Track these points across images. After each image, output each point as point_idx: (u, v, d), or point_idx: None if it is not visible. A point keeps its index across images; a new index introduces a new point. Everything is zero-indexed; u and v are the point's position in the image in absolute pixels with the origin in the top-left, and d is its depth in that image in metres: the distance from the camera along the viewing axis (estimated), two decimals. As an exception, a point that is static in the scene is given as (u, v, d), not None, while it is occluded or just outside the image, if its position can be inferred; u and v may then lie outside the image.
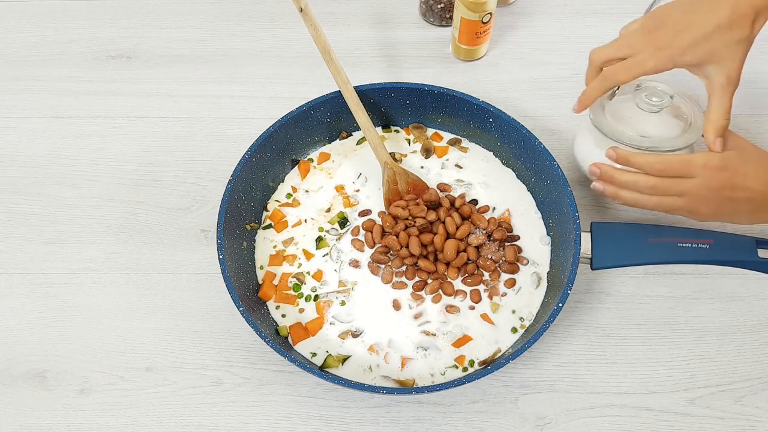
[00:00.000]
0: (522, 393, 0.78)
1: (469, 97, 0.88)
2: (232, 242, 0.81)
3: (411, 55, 1.05)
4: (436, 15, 1.06)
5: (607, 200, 0.90)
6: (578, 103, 0.79)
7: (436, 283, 0.81)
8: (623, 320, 0.82)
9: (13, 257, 0.88)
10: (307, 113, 0.88)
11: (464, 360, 0.78)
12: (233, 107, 1.00)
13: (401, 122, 0.94)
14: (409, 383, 0.76)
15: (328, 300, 0.82)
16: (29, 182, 0.94)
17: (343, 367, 0.77)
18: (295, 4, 0.82)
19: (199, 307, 0.84)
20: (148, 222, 0.90)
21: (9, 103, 1.01)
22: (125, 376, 0.80)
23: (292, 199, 0.89)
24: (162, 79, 1.03)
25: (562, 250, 0.81)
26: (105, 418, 0.78)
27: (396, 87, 0.90)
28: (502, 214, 0.87)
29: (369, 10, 1.09)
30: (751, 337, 0.81)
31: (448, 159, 0.91)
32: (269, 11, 1.10)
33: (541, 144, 0.84)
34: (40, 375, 0.80)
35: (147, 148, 0.96)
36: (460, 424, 0.77)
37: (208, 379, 0.80)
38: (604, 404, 0.78)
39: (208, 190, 0.92)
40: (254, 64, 1.04)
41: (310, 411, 0.78)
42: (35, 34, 1.08)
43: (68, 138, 0.97)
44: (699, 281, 0.85)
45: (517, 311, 0.81)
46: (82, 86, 1.02)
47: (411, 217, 0.84)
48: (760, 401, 0.77)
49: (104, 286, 0.86)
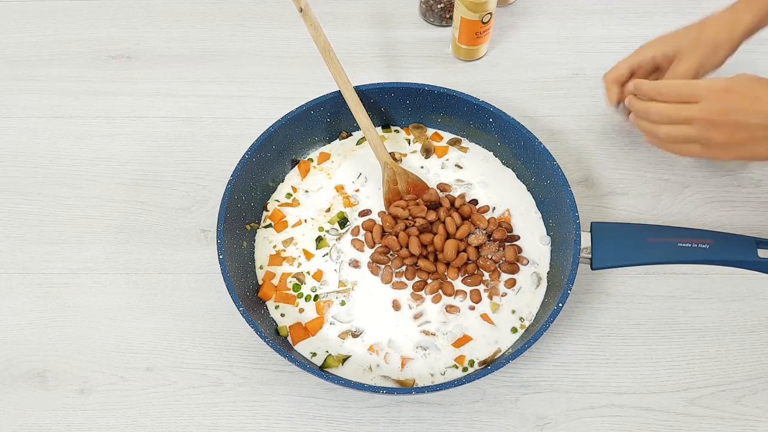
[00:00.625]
0: (522, 393, 0.78)
1: (469, 97, 0.88)
2: (232, 242, 0.81)
3: (411, 55, 1.05)
4: (436, 15, 1.06)
5: (607, 200, 0.91)
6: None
7: (436, 283, 0.81)
8: (623, 320, 0.82)
9: (13, 257, 0.88)
10: (307, 113, 0.88)
11: (464, 360, 0.78)
12: (233, 107, 1.00)
13: (401, 122, 0.94)
14: (409, 383, 0.76)
15: (328, 300, 0.82)
16: (29, 182, 0.94)
17: (343, 367, 0.77)
18: (295, 4, 0.82)
19: (199, 307, 0.84)
20: (148, 222, 0.90)
21: (9, 103, 1.01)
22: (125, 376, 0.80)
23: (292, 199, 0.89)
24: (162, 79, 1.03)
25: (562, 250, 0.81)
26: (105, 418, 0.78)
27: (396, 87, 0.90)
28: (502, 214, 0.87)
29: (369, 10, 1.09)
30: (751, 337, 0.81)
31: (448, 159, 0.91)
32: (269, 11, 1.10)
33: (541, 144, 0.84)
34: (40, 375, 0.80)
35: (147, 148, 0.96)
36: (460, 424, 0.77)
37: (208, 379, 0.80)
38: (604, 404, 0.78)
39: (208, 190, 0.92)
40: (254, 64, 1.04)
41: (310, 411, 0.78)
42: (35, 34, 1.08)
43: (68, 138, 0.97)
44: (699, 281, 0.85)
45: (517, 311, 0.81)
46: (82, 86, 1.02)
47: (411, 217, 0.84)
48: (760, 401, 0.77)
49: (104, 286, 0.86)
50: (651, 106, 0.74)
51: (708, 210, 0.89)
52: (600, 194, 0.91)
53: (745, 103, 0.70)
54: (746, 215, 0.89)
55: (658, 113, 0.74)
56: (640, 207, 0.90)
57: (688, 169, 0.92)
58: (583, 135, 0.96)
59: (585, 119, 0.97)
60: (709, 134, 0.71)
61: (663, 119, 0.74)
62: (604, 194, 0.91)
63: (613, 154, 0.94)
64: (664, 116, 0.74)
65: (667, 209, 0.90)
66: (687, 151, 0.74)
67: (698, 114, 0.71)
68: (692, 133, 0.72)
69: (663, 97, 0.74)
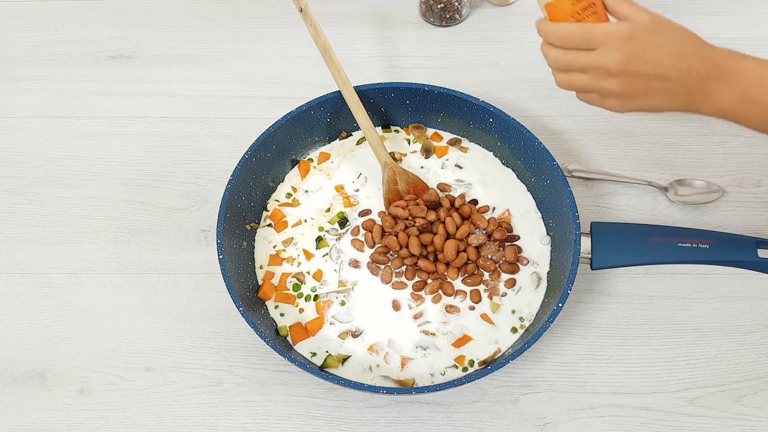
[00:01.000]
0: (522, 393, 0.78)
1: (469, 97, 0.88)
2: (231, 242, 0.81)
3: (411, 55, 1.05)
4: (436, 15, 1.06)
5: (607, 200, 0.91)
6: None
7: (436, 283, 0.81)
8: (623, 320, 0.82)
9: (13, 257, 0.88)
10: (307, 113, 0.88)
11: (464, 360, 0.78)
12: (233, 107, 1.00)
13: (401, 122, 0.94)
14: (409, 383, 0.76)
15: (328, 300, 0.82)
16: (29, 182, 0.94)
17: (343, 367, 0.77)
18: (295, 4, 0.82)
19: (199, 307, 0.84)
20: (148, 222, 0.90)
21: (9, 103, 1.01)
22: (125, 376, 0.80)
23: (292, 199, 0.89)
24: (162, 79, 1.03)
25: (562, 250, 0.81)
26: (105, 418, 0.78)
27: (396, 87, 0.90)
28: (502, 214, 0.87)
29: (369, 10, 1.09)
30: (751, 337, 0.81)
31: (447, 159, 0.91)
32: (269, 11, 1.10)
33: (541, 144, 0.84)
34: (40, 375, 0.80)
35: (147, 148, 0.96)
36: (460, 424, 0.77)
37: (208, 379, 0.80)
38: (604, 404, 0.78)
39: (208, 190, 0.92)
40: (254, 64, 1.04)
41: (310, 411, 0.78)
42: (35, 34, 1.08)
43: (68, 138, 0.97)
44: (699, 281, 0.85)
45: (517, 311, 0.81)
46: (82, 86, 1.02)
47: (411, 217, 0.84)
48: (760, 401, 0.77)
49: (104, 286, 0.86)
50: (549, 52, 0.68)
51: (708, 210, 0.89)
52: (600, 194, 0.91)
53: (648, 52, 0.64)
54: (746, 215, 0.89)
55: (554, 60, 0.68)
56: (640, 207, 0.90)
57: (688, 170, 0.92)
58: (583, 135, 0.96)
59: (585, 119, 0.97)
60: (604, 84, 0.66)
61: (559, 66, 0.68)
62: (604, 194, 0.91)
63: (613, 154, 0.94)
64: (561, 63, 0.68)
65: (667, 209, 0.90)
66: (586, 100, 0.70)
67: (594, 62, 0.65)
68: (588, 82, 0.67)
69: (560, 43, 0.67)
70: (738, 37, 1.01)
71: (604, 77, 0.65)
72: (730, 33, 1.02)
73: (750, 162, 0.93)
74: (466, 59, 1.04)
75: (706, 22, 1.02)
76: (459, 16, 1.06)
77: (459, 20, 1.07)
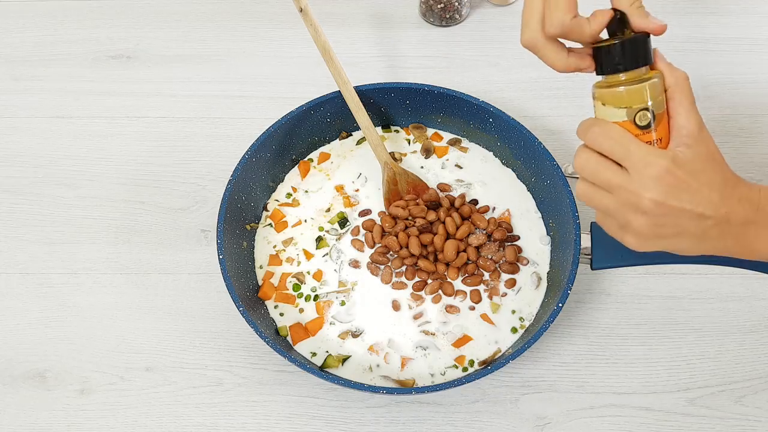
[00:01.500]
0: (522, 393, 0.78)
1: (469, 97, 0.88)
2: (231, 242, 0.81)
3: (411, 55, 1.05)
4: (436, 15, 1.06)
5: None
6: None
7: (436, 283, 0.81)
8: (623, 320, 0.82)
9: (13, 257, 0.88)
10: (307, 113, 0.88)
11: (464, 360, 0.78)
12: (233, 107, 1.00)
13: (401, 122, 0.94)
14: (409, 383, 0.76)
15: (328, 300, 0.82)
16: (29, 182, 0.94)
17: (343, 367, 0.77)
18: (295, 4, 0.82)
19: (199, 307, 0.84)
20: (148, 222, 0.90)
21: (9, 103, 1.01)
22: (125, 376, 0.80)
23: (292, 199, 0.89)
24: (162, 79, 1.03)
25: (562, 250, 0.81)
26: (105, 418, 0.78)
27: (396, 87, 0.90)
28: (502, 214, 0.87)
29: (369, 10, 1.09)
30: (751, 337, 0.81)
31: (447, 159, 0.91)
32: (269, 11, 1.10)
33: (541, 144, 0.84)
34: (40, 375, 0.80)
35: (147, 148, 0.96)
36: (460, 424, 0.77)
37: (208, 379, 0.80)
38: (604, 404, 0.78)
39: (208, 190, 0.92)
40: (254, 64, 1.04)
41: (310, 411, 0.78)
42: (35, 34, 1.08)
43: (68, 138, 0.97)
44: (699, 281, 0.85)
45: (517, 311, 0.81)
46: (82, 86, 1.02)
47: (411, 217, 0.84)
48: (760, 401, 0.77)
49: (104, 286, 0.86)
50: (580, 153, 0.56)
51: (708, 210, 0.89)
52: (600, 194, 0.91)
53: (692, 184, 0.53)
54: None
55: (578, 166, 0.56)
56: (640, 207, 0.90)
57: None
58: (583, 135, 0.96)
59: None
60: (630, 218, 0.55)
61: (584, 173, 0.56)
62: (604, 194, 0.91)
63: (613, 154, 0.94)
64: (584, 171, 0.56)
65: (667, 209, 0.90)
66: (604, 225, 0.59)
67: (623, 184, 0.54)
68: (612, 207, 0.56)
69: (592, 143, 0.55)
70: (738, 37, 1.01)
71: (632, 210, 0.54)
72: (730, 33, 1.02)
73: (750, 162, 0.93)
74: (466, 59, 1.04)
75: (706, 22, 1.02)
76: (459, 16, 1.06)
77: (459, 20, 1.07)
